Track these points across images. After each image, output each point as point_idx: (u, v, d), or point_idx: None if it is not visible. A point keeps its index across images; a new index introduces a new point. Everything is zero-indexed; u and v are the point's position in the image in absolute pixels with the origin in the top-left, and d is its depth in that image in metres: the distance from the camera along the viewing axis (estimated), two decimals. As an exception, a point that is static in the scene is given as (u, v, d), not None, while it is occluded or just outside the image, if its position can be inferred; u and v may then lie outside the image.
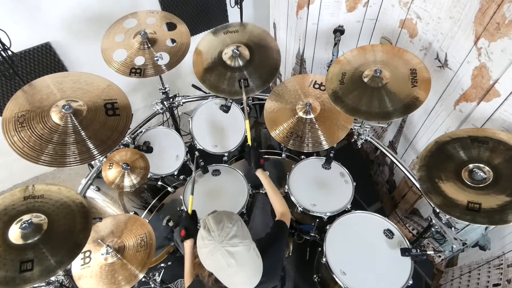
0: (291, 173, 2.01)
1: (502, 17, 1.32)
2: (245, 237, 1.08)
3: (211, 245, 1.03)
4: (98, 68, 1.66)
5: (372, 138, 2.03)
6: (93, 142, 1.43)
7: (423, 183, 1.37)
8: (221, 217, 1.08)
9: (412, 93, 1.55)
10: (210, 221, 1.07)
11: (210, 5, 2.77)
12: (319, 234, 1.96)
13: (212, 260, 1.05)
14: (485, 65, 1.46)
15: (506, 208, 1.21)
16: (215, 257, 1.03)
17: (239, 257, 1.03)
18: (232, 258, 1.02)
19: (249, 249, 1.07)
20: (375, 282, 1.61)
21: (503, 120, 1.45)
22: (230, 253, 1.02)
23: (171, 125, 2.47)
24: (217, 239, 1.03)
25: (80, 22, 2.27)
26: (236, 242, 1.03)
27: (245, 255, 1.06)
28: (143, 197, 2.18)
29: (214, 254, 1.03)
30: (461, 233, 1.92)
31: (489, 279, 1.71)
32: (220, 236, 1.03)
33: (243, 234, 1.07)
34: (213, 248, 1.03)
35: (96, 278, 1.48)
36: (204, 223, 1.09)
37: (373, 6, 2.12)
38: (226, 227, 1.05)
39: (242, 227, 1.10)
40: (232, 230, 1.05)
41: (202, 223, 1.10)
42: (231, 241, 1.03)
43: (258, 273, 1.14)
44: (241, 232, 1.07)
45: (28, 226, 1.23)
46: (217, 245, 1.02)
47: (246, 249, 1.06)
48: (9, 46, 1.57)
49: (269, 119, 1.91)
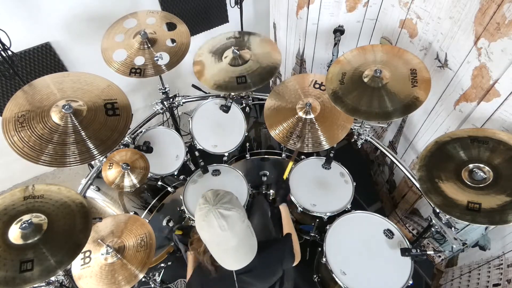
0: (291, 173, 2.01)
1: (502, 17, 1.32)
2: (239, 208, 1.12)
3: (206, 208, 1.08)
4: (98, 68, 1.66)
5: (372, 138, 2.03)
6: (93, 142, 1.43)
7: (423, 183, 1.37)
8: (219, 190, 1.15)
9: (412, 93, 1.55)
10: (208, 192, 1.14)
11: (210, 5, 2.77)
12: (319, 234, 1.96)
13: (206, 222, 1.09)
14: (485, 65, 1.46)
15: (506, 208, 1.21)
16: (208, 219, 1.07)
17: (231, 221, 1.08)
18: (224, 220, 1.06)
19: (242, 220, 1.12)
20: (375, 282, 1.60)
21: (503, 120, 1.45)
22: (222, 215, 1.06)
23: (171, 125, 2.47)
24: (211, 202, 1.09)
25: (80, 22, 2.27)
26: (229, 207, 1.08)
27: (237, 223, 1.10)
28: (143, 197, 2.18)
29: (208, 215, 1.07)
30: (461, 233, 1.92)
31: (489, 279, 1.71)
32: (214, 201, 1.09)
33: (236, 205, 1.12)
34: (208, 211, 1.08)
35: (96, 278, 1.47)
36: (203, 195, 1.14)
37: (373, 6, 2.12)
38: (222, 196, 1.12)
39: (237, 201, 1.16)
40: (226, 197, 1.11)
41: (201, 196, 1.15)
42: (225, 205, 1.08)
43: (250, 251, 1.18)
44: (235, 203, 1.13)
45: (28, 226, 1.23)
46: (211, 208, 1.07)
47: (238, 217, 1.10)
48: (9, 46, 1.57)
49: (269, 119, 1.91)
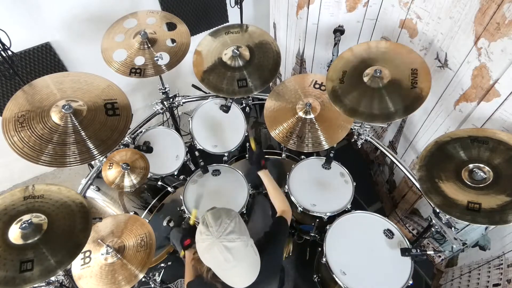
0: (291, 173, 2.01)
1: (502, 17, 1.32)
2: (242, 233, 1.09)
3: (209, 240, 1.04)
4: (98, 68, 1.66)
5: (372, 138, 2.03)
6: (93, 142, 1.43)
7: (423, 183, 1.37)
8: (220, 213, 1.10)
9: (412, 94, 1.55)
10: (209, 217, 1.08)
11: (210, 5, 2.77)
12: (319, 234, 1.96)
13: (210, 255, 1.06)
14: (485, 65, 1.46)
15: (506, 208, 1.21)
16: (212, 252, 1.05)
17: (236, 253, 1.05)
18: (229, 253, 1.03)
19: (246, 245, 1.09)
20: (375, 282, 1.60)
21: (503, 120, 1.45)
22: (227, 248, 1.03)
23: (171, 125, 2.47)
24: (215, 234, 1.04)
25: (80, 22, 2.27)
26: (234, 237, 1.05)
27: (242, 251, 1.07)
28: (143, 197, 2.18)
29: (212, 249, 1.04)
30: (461, 233, 1.92)
31: (489, 279, 1.71)
32: (218, 232, 1.04)
33: (240, 230, 1.09)
34: (211, 243, 1.04)
35: (96, 278, 1.47)
36: (203, 219, 1.10)
37: (373, 6, 2.12)
38: (224, 223, 1.06)
39: (240, 223, 1.11)
40: (229, 226, 1.06)
41: (201, 219, 1.11)
42: (229, 236, 1.04)
43: (255, 269, 1.16)
44: (239, 228, 1.09)
45: (28, 226, 1.23)
46: (214, 240, 1.04)
47: (243, 245, 1.07)
48: (9, 46, 1.57)
49: (269, 119, 1.91)
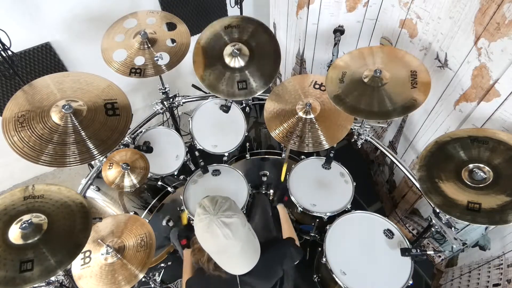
0: (291, 173, 2.01)
1: (502, 17, 1.32)
2: (239, 212, 1.12)
3: (206, 218, 1.07)
4: (98, 68, 1.66)
5: (372, 138, 2.03)
6: (93, 142, 1.42)
7: (423, 183, 1.37)
8: (215, 197, 1.15)
9: (411, 95, 1.54)
10: (205, 201, 1.13)
11: (210, 5, 2.77)
12: (319, 234, 1.96)
13: (209, 233, 1.07)
14: (485, 65, 1.46)
15: (506, 208, 1.21)
16: (211, 230, 1.06)
17: (234, 228, 1.07)
18: (228, 228, 1.06)
19: (244, 224, 1.12)
20: (375, 282, 1.61)
21: (503, 120, 1.45)
22: (225, 223, 1.06)
23: (171, 125, 2.47)
24: (212, 212, 1.08)
25: (80, 22, 2.27)
26: (230, 214, 1.08)
27: (240, 228, 1.09)
28: (143, 197, 2.18)
29: (210, 226, 1.06)
30: (461, 233, 1.92)
31: (489, 279, 1.71)
32: (214, 210, 1.08)
33: (236, 210, 1.12)
34: (209, 221, 1.06)
35: (96, 278, 1.47)
36: (199, 204, 1.13)
37: (373, 6, 2.12)
38: (220, 202, 1.11)
39: (236, 206, 1.15)
40: (225, 204, 1.10)
41: (198, 204, 1.14)
42: (226, 213, 1.08)
43: (254, 253, 1.18)
44: (235, 208, 1.13)
45: (28, 226, 1.23)
46: (212, 217, 1.06)
47: (241, 222, 1.10)
48: (9, 46, 1.57)
49: (269, 119, 1.91)
